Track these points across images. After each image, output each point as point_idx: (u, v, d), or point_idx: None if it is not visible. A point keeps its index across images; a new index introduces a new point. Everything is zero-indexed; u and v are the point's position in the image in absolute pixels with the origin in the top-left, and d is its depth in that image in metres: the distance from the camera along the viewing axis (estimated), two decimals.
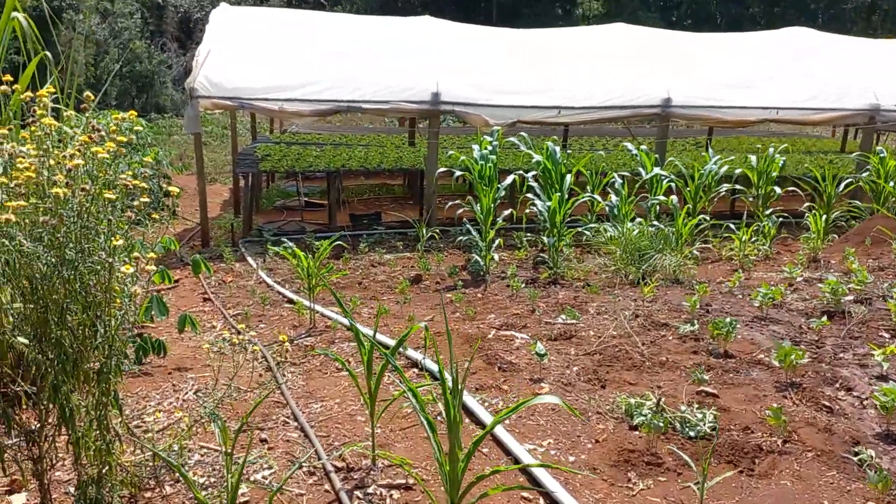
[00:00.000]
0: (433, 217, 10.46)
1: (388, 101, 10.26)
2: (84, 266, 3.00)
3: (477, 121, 10.37)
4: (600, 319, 6.20)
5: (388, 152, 11.93)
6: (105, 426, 3.11)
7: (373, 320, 6.83)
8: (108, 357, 3.08)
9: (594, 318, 6.25)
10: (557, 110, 10.51)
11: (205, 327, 7.27)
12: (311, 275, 6.60)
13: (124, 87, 22.76)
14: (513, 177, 8.86)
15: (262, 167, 10.72)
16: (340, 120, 23.31)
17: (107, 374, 3.07)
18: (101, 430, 3.09)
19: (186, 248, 10.65)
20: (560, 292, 7.42)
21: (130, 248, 3.26)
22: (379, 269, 9.19)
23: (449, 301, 7.66)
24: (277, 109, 10.35)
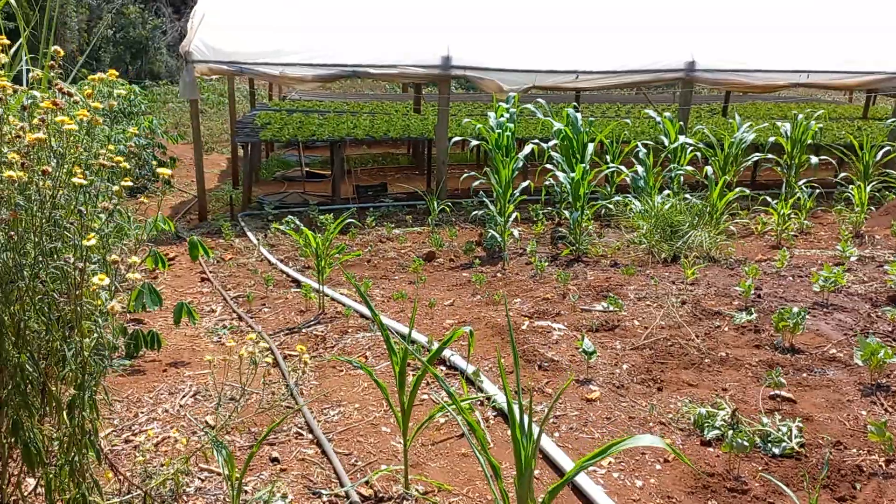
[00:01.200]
0: (444, 189, 9.74)
1: (395, 66, 9.48)
2: (47, 273, 2.30)
3: (490, 86, 9.60)
4: (643, 306, 5.52)
5: (394, 120, 11.16)
6: (81, 470, 2.43)
7: (387, 304, 6.15)
8: (81, 387, 2.38)
9: (635, 305, 5.57)
10: (575, 75, 9.75)
11: (203, 311, 6.58)
12: (320, 255, 5.89)
13: (118, 54, 21.80)
14: (531, 146, 8.12)
15: (262, 136, 9.95)
16: (341, 86, 22.40)
17: (80, 406, 2.38)
18: (75, 476, 2.41)
19: (182, 221, 9.92)
20: (588, 272, 6.73)
21: (106, 249, 2.52)
22: (388, 244, 8.49)
23: (467, 281, 6.97)
24: (278, 75, 9.56)
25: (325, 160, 13.62)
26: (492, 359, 4.64)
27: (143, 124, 11.45)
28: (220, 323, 6.08)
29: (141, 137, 11.32)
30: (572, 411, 3.90)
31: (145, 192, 11.34)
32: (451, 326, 5.32)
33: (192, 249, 5.03)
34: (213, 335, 5.73)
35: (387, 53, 9.54)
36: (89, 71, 19.88)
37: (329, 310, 6.07)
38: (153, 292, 4.82)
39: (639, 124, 11.20)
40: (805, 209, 8.14)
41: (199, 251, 5.02)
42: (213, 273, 7.66)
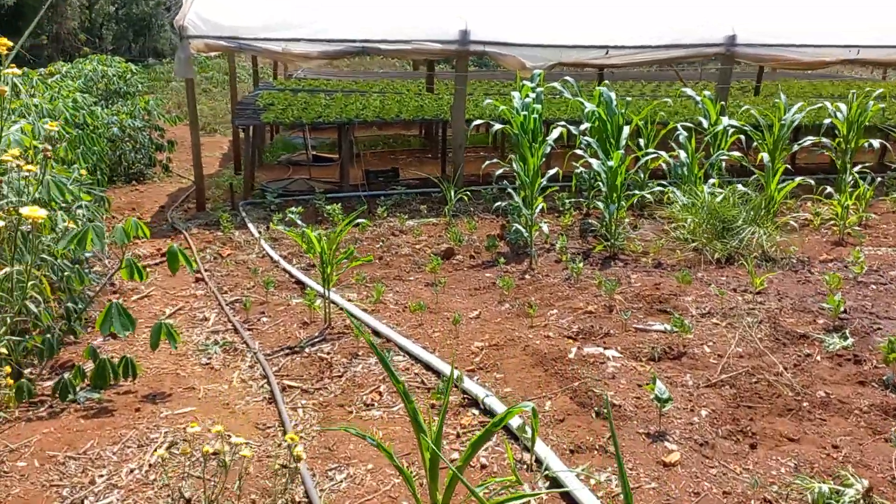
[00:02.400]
0: (461, 176, 8.77)
1: (409, 41, 8.48)
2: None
3: (512, 63, 8.60)
4: (709, 325, 4.57)
5: (406, 100, 10.16)
6: None
7: (403, 315, 5.22)
8: None
9: (700, 324, 4.61)
10: (605, 50, 8.73)
11: (195, 319, 5.68)
12: (325, 262, 4.95)
13: (120, 31, 20.79)
14: (559, 130, 7.13)
15: (264, 119, 8.99)
16: (349, 64, 21.33)
17: None
18: None
19: (179, 211, 8.99)
20: (631, 276, 5.79)
21: None
22: (401, 238, 7.56)
23: (491, 283, 6.04)
24: (281, 51, 8.57)
25: (332, 143, 12.65)
26: (535, 397, 3.71)
27: (140, 105, 10.48)
28: (213, 337, 5.18)
29: (137, 119, 10.36)
30: (648, 481, 2.98)
31: (143, 179, 10.41)
32: (480, 351, 4.39)
33: (171, 261, 4.11)
34: (202, 354, 4.82)
35: (399, 28, 8.54)
36: (91, 49, 18.91)
37: (336, 322, 5.15)
38: (123, 314, 3.90)
39: (664, 105, 10.17)
40: (865, 199, 7.15)
41: (180, 261, 4.08)
42: (210, 272, 6.75)
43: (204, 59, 20.40)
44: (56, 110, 7.37)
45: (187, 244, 7.57)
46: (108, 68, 11.14)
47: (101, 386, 4.03)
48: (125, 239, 4.01)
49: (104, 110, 9.89)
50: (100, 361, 3.98)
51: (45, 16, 19.01)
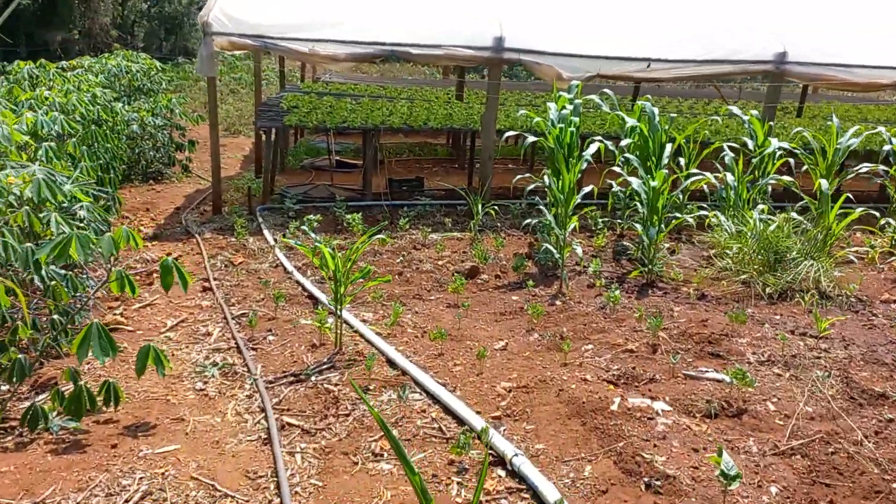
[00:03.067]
0: (488, 189, 8.21)
1: (440, 46, 7.95)
2: None
3: (548, 73, 8.04)
4: (771, 376, 3.96)
5: (435, 108, 9.63)
6: None
7: (421, 342, 4.69)
8: None
9: (759, 373, 4.01)
10: (647, 63, 8.14)
11: (198, 333, 5.18)
12: (339, 280, 4.41)
13: (152, 29, 20.49)
14: (597, 145, 6.55)
15: (286, 121, 8.49)
16: (378, 70, 20.85)
17: None
18: None
19: (195, 213, 8.51)
20: (674, 308, 5.20)
21: None
22: (423, 252, 7.01)
23: (519, 308, 5.48)
24: (307, 52, 8.08)
25: (357, 148, 12.15)
26: (572, 458, 3.13)
27: (162, 103, 10.03)
28: (213, 356, 4.66)
29: (158, 117, 9.91)
30: None
31: (161, 178, 9.96)
32: (507, 393, 3.82)
33: (164, 276, 3.58)
34: (198, 377, 4.30)
35: (431, 32, 8.02)
36: (122, 46, 18.61)
37: (348, 346, 4.61)
38: (103, 336, 3.38)
39: (711, 123, 9.55)
40: None
41: (173, 278, 3.55)
42: (219, 281, 6.25)
43: (233, 59, 20.04)
44: (69, 104, 6.91)
45: (199, 250, 7.08)
46: (133, 64, 10.72)
47: (77, 414, 3.51)
48: (113, 250, 3.49)
49: (125, 107, 9.45)
50: (76, 388, 3.46)
51: (77, 11, 18.77)
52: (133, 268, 6.59)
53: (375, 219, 8.25)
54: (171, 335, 5.20)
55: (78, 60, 10.38)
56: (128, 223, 8.07)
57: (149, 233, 7.70)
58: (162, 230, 7.81)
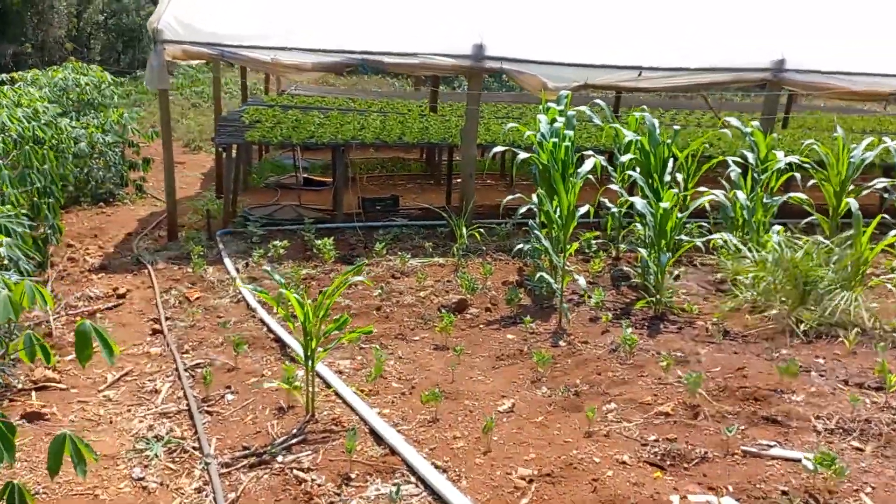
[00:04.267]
0: (471, 209, 7.40)
1: (416, 54, 7.16)
2: None
3: (531, 83, 7.29)
4: (850, 452, 3.16)
5: (409, 122, 8.80)
6: None
7: (410, 402, 3.88)
8: None
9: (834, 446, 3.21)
10: (638, 72, 7.43)
11: (142, 391, 4.31)
12: (309, 333, 3.55)
13: (109, 42, 19.38)
14: (593, 161, 5.78)
15: (248, 137, 7.62)
16: (345, 82, 19.96)
17: None
18: None
19: (149, 240, 7.58)
20: (698, 350, 4.45)
21: None
22: (403, 282, 6.19)
23: (518, 352, 4.70)
24: (269, 61, 7.23)
25: (326, 165, 11.26)
26: None
27: (112, 118, 9.07)
28: (158, 426, 3.79)
29: (109, 133, 8.95)
30: None
31: (112, 200, 8.98)
32: (527, 485, 3.00)
33: (81, 347, 2.70)
34: (137, 459, 3.43)
35: (405, 39, 7.23)
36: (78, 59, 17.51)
37: (322, 411, 3.76)
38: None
39: (702, 134, 8.86)
40: None
41: (91, 350, 2.68)
42: (171, 321, 5.38)
43: (194, 71, 19.01)
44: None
45: (150, 282, 6.17)
46: (82, 77, 9.75)
47: None
48: (11, 314, 2.61)
49: (72, 123, 8.48)
50: None
51: (30, 23, 17.62)
52: (73, 307, 5.66)
53: (348, 242, 7.41)
54: (112, 394, 4.31)
55: (20, 74, 9.37)
56: (72, 252, 7.11)
57: (95, 263, 6.76)
58: (110, 260, 6.88)
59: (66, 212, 8.39)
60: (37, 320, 5.35)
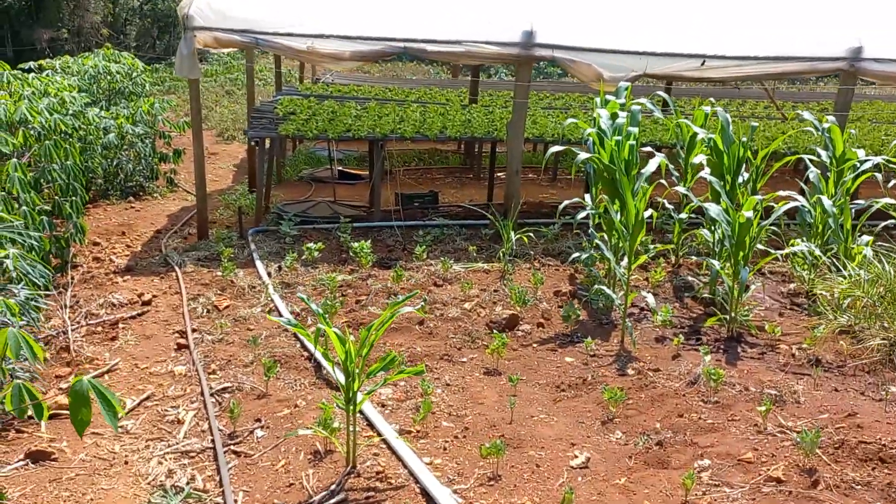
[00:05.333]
0: (516, 209, 6.79)
1: (461, 42, 6.54)
2: None
3: (586, 72, 6.63)
4: None
5: (451, 114, 8.17)
6: None
7: (464, 448, 3.33)
8: None
9: None
10: (701, 60, 6.73)
11: (163, 422, 3.81)
12: (351, 374, 2.98)
13: (144, 27, 18.95)
14: (658, 160, 5.13)
15: (281, 131, 7.06)
16: (381, 70, 19.30)
17: None
18: None
19: (178, 238, 7.07)
20: (794, 385, 3.84)
21: None
22: (446, 290, 5.62)
23: (581, 381, 4.11)
24: (305, 50, 6.67)
25: (361, 156, 10.69)
26: None
27: (142, 108, 8.57)
28: (178, 471, 3.26)
29: (139, 124, 8.46)
30: None
31: (142, 194, 8.50)
32: None
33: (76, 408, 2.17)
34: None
35: (450, 26, 6.60)
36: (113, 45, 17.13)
37: (365, 463, 3.19)
38: None
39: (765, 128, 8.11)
40: None
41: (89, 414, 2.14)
42: (199, 334, 4.87)
43: (229, 58, 18.53)
44: (17, 114, 5.46)
45: (178, 287, 5.66)
46: (113, 64, 9.25)
47: None
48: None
49: (102, 113, 7.98)
50: None
51: (66, 9, 17.24)
52: (95, 315, 5.16)
53: (385, 243, 6.84)
54: (130, 424, 3.80)
55: (48, 61, 8.90)
56: (98, 251, 6.63)
57: (121, 264, 6.27)
58: (137, 260, 6.38)
59: (93, 206, 7.93)
60: (54, 331, 4.87)
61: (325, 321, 2.96)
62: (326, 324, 2.95)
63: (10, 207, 4.60)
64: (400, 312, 2.98)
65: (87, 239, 6.58)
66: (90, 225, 7.26)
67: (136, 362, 4.54)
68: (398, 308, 2.97)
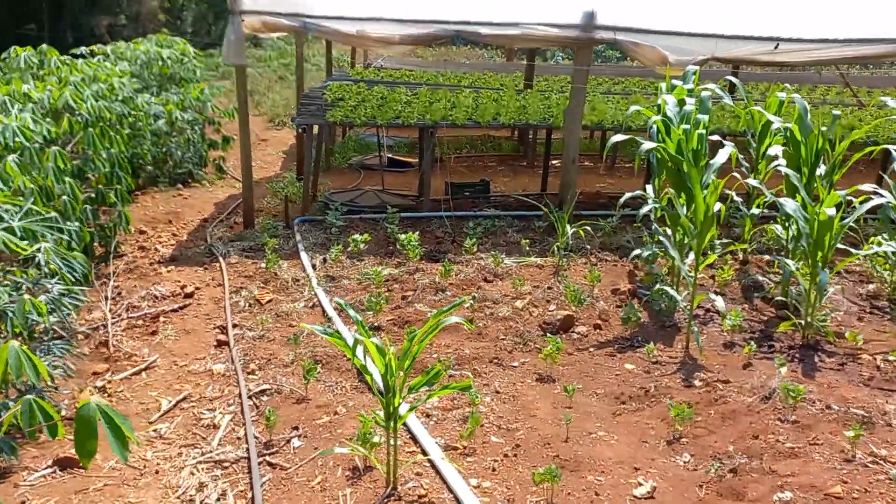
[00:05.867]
0: (572, 201, 6.42)
1: (517, 24, 6.18)
2: None
3: (650, 55, 6.20)
4: None
5: (505, 100, 7.80)
6: None
7: (514, 468, 3.02)
8: None
9: None
10: (774, 43, 6.22)
11: (198, 426, 3.62)
12: (391, 388, 2.70)
13: (201, 13, 18.98)
14: (728, 151, 4.69)
15: (330, 117, 6.80)
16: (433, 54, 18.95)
17: None
18: None
19: (223, 227, 6.91)
20: (883, 404, 3.41)
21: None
22: (497, 286, 5.30)
23: (643, 392, 3.77)
24: (354, 34, 6.40)
25: (412, 143, 10.41)
26: None
27: (192, 94, 8.43)
28: (210, 483, 3.04)
29: (189, 110, 8.33)
30: None
31: (191, 181, 8.37)
32: None
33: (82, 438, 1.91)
34: None
35: (505, 8, 6.24)
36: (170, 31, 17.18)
37: (406, 483, 2.91)
38: None
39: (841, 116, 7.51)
40: None
41: (95, 444, 1.88)
42: (239, 329, 4.66)
43: (283, 43, 18.40)
44: (62, 100, 5.32)
45: (220, 280, 5.47)
46: (164, 49, 9.14)
47: None
48: None
49: (152, 99, 7.86)
50: None
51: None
52: (136, 308, 5.00)
53: (434, 235, 6.55)
54: (164, 427, 3.61)
55: (100, 46, 8.81)
56: (143, 240, 6.50)
57: (166, 254, 6.12)
58: (182, 250, 6.22)
59: (142, 193, 7.82)
60: (94, 324, 4.73)
61: (364, 330, 2.67)
62: (365, 333, 2.66)
63: (49, 198, 4.44)
64: (446, 322, 2.67)
65: (132, 228, 6.47)
66: (138, 213, 7.15)
67: (175, 359, 4.36)
68: (443, 318, 2.67)
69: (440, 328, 2.71)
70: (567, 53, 19.10)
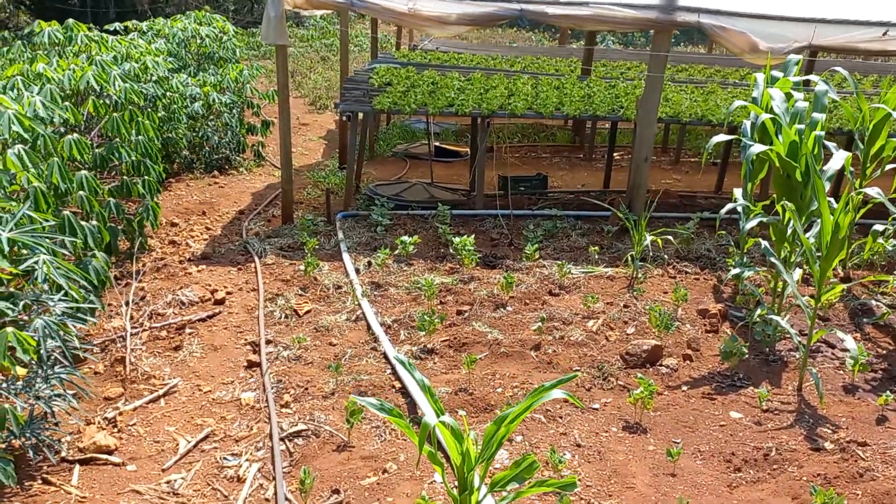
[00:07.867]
0: (644, 201, 5.61)
1: (587, 3, 5.33)
2: None
3: (739, 42, 5.32)
4: None
5: (567, 88, 6.95)
6: None
7: None
8: None
9: None
10: (883, 29, 5.30)
11: (218, 478, 2.91)
12: (469, 486, 1.95)
13: None
14: (843, 157, 3.85)
15: (376, 105, 6.04)
16: (478, 37, 18.00)
17: None
18: None
19: (261, 221, 6.21)
20: None
21: None
22: (565, 301, 4.55)
23: (762, 456, 3.00)
24: (407, 12, 5.62)
25: (460, 131, 9.61)
26: None
27: (230, 75, 7.73)
28: None
29: (227, 92, 7.64)
30: None
31: (228, 168, 7.69)
32: None
33: None
34: None
35: None
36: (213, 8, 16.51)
37: None
38: None
39: None
40: None
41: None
42: (274, 346, 3.97)
43: (325, 22, 17.63)
44: (82, 81, 4.64)
45: (254, 284, 4.78)
46: (203, 27, 8.45)
47: None
48: None
49: (189, 79, 7.17)
50: None
51: None
52: (161, 316, 4.34)
53: (489, 236, 5.79)
54: (179, 478, 2.93)
55: (134, 23, 8.15)
56: (175, 233, 5.84)
57: (198, 250, 5.45)
58: (215, 246, 5.55)
59: (176, 180, 7.17)
60: (111, 336, 4.07)
61: (436, 403, 1.93)
62: (437, 408, 1.92)
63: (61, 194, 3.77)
64: (543, 399, 1.92)
65: (162, 219, 5.82)
66: (170, 202, 6.51)
67: (199, 382, 3.68)
68: (541, 396, 1.91)
69: (532, 407, 1.95)
70: (617, 38, 17.91)
